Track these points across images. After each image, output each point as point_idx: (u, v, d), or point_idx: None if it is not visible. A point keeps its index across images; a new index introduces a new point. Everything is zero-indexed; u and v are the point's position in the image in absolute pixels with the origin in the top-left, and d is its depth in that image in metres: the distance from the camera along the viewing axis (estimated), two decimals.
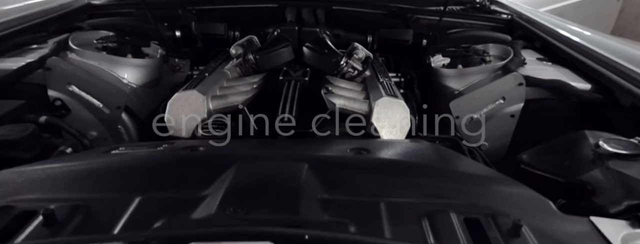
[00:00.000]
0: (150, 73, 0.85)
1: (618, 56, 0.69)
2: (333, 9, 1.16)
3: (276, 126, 0.58)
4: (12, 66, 0.68)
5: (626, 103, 0.63)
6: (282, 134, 0.57)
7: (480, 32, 1.04)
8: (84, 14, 1.10)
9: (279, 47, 0.79)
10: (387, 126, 0.64)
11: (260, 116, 0.61)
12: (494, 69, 0.78)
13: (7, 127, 0.50)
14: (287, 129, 0.58)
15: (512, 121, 0.71)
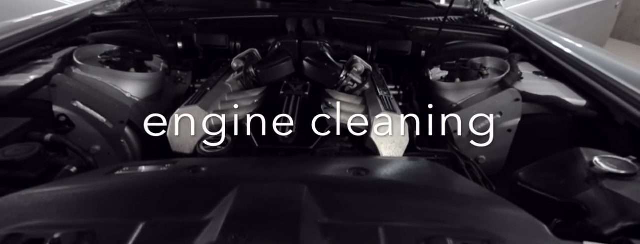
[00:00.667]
0: (153, 87, 0.86)
1: (613, 72, 0.70)
2: (333, 20, 1.18)
3: (274, 125, 0.60)
4: (18, 83, 0.69)
5: (621, 120, 0.64)
6: (281, 134, 0.59)
7: (478, 44, 1.06)
8: (87, 26, 1.12)
9: (279, 61, 0.81)
10: (385, 141, 0.65)
11: (261, 132, 0.62)
12: (491, 83, 0.79)
13: (14, 147, 0.52)
14: (285, 129, 0.60)
15: (509, 136, 0.72)
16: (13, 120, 0.59)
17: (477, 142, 0.73)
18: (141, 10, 0.94)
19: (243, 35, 1.15)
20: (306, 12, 1.21)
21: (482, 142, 0.73)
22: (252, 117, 0.66)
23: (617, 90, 0.66)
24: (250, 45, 1.15)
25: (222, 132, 0.63)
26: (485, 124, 0.72)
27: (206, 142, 0.62)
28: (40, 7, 1.48)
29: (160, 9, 1.38)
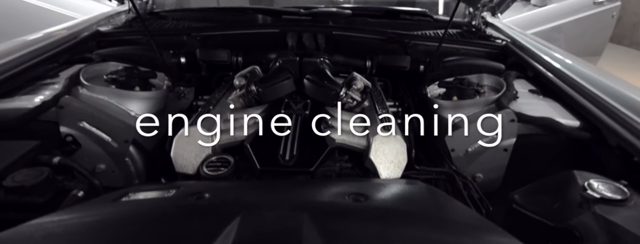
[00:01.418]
0: (157, 104, 0.88)
1: (606, 94, 0.71)
2: (333, 34, 1.20)
3: (272, 126, 0.67)
4: (27, 105, 0.71)
5: (613, 142, 0.65)
6: (278, 134, 0.66)
7: (475, 60, 1.08)
8: (92, 42, 1.15)
9: (280, 79, 0.82)
10: (384, 161, 0.66)
11: (263, 152, 0.63)
12: (488, 102, 0.81)
13: (23, 172, 0.53)
14: (283, 129, 0.66)
15: (505, 155, 0.73)
16: (22, 143, 0.61)
17: (473, 161, 0.75)
18: (144, 27, 0.96)
19: (245, 49, 1.17)
20: (306, 27, 1.23)
21: (479, 161, 0.74)
22: (253, 137, 0.68)
23: (610, 112, 0.68)
24: (252, 60, 1.17)
25: (223, 156, 0.64)
26: (481, 145, 0.74)
27: (209, 164, 0.63)
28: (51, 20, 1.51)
29: (163, 22, 1.41)
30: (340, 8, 1.43)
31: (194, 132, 0.68)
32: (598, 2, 2.06)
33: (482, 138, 0.74)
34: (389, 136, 0.68)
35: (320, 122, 0.73)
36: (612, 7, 2.13)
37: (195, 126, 0.69)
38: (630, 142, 0.61)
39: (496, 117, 0.73)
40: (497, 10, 1.36)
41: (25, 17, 2.01)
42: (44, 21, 1.96)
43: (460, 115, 0.82)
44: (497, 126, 0.72)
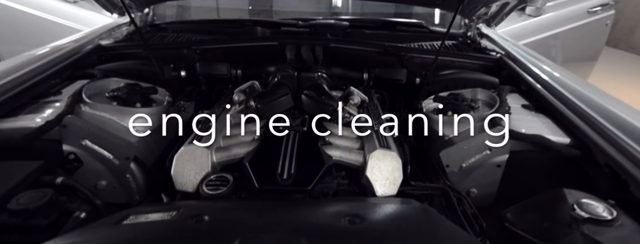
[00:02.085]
0: (158, 119, 0.90)
1: (596, 111, 0.73)
2: (331, 47, 1.22)
3: (270, 126, 0.73)
4: (31, 124, 0.73)
5: (601, 161, 0.67)
6: (276, 134, 0.71)
7: (470, 74, 1.10)
8: (94, 56, 1.16)
9: (279, 95, 0.84)
10: (380, 178, 0.68)
11: (261, 169, 0.65)
12: (481, 118, 0.83)
13: (27, 195, 0.55)
14: (281, 129, 0.70)
15: (499, 171, 0.75)
16: (25, 164, 0.62)
17: (468, 176, 0.77)
18: (144, 43, 0.98)
19: (244, 62, 1.20)
20: (304, 39, 1.26)
21: (473, 176, 0.76)
22: (252, 155, 0.69)
23: (599, 130, 0.70)
24: (250, 73, 1.19)
25: (222, 174, 0.66)
26: (475, 159, 0.76)
27: (209, 183, 0.65)
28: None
29: (163, 35, 1.43)
30: (338, 20, 1.46)
31: (195, 150, 0.70)
32: (592, 11, 2.09)
33: (475, 155, 0.75)
34: (385, 153, 0.69)
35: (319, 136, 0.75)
36: (606, 15, 2.16)
37: (196, 143, 0.71)
38: (618, 161, 0.63)
39: (488, 135, 0.75)
40: (492, 23, 1.39)
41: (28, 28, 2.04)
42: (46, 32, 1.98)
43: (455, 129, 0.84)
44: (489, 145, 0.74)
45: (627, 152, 0.63)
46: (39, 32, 2.02)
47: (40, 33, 2.01)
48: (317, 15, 1.64)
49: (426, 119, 0.91)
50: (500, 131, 0.74)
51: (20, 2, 1.98)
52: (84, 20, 1.91)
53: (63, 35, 1.88)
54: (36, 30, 2.02)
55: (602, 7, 2.12)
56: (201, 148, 0.70)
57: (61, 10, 1.95)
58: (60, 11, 1.95)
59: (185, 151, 0.70)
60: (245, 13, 1.69)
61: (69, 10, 1.94)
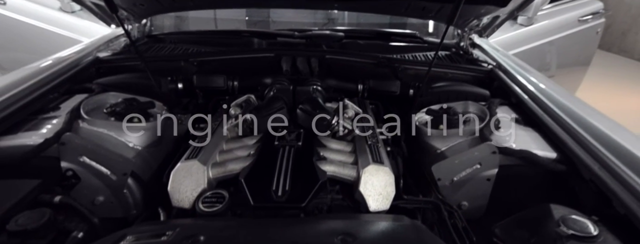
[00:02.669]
0: (155, 134, 0.91)
1: (581, 127, 0.76)
2: (326, 58, 1.24)
3: (269, 125, 0.78)
4: (29, 142, 0.74)
5: (586, 176, 0.69)
6: (274, 133, 0.78)
7: (462, 87, 1.12)
8: (92, 68, 1.18)
9: (274, 110, 0.86)
10: (373, 194, 0.70)
11: (257, 185, 0.66)
12: (472, 132, 0.85)
13: (26, 215, 0.56)
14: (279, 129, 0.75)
15: (489, 184, 0.77)
16: (23, 183, 0.63)
17: (459, 190, 0.78)
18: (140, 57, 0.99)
19: (240, 74, 1.21)
20: (300, 51, 1.28)
21: (464, 189, 0.78)
22: (248, 170, 0.71)
23: (584, 145, 0.72)
24: (247, 85, 1.21)
25: (218, 191, 0.67)
26: (466, 173, 0.78)
27: (205, 200, 0.66)
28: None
29: (161, 46, 1.44)
30: (333, 31, 1.48)
31: (191, 166, 0.71)
32: (582, 20, 2.14)
33: (466, 169, 0.77)
34: (378, 168, 0.71)
35: (313, 150, 0.76)
36: (597, 23, 2.21)
37: (192, 160, 0.72)
38: (600, 177, 0.65)
39: (479, 150, 0.77)
40: (484, 34, 1.42)
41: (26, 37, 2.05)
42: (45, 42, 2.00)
43: (447, 143, 0.86)
44: (480, 158, 0.76)
45: (609, 168, 0.65)
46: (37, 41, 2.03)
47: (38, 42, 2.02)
48: (314, 25, 1.67)
49: (419, 132, 0.93)
50: (490, 147, 0.76)
51: (19, 11, 2.00)
52: (81, 30, 1.93)
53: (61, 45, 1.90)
54: (35, 39, 2.03)
55: (593, 16, 2.17)
56: (197, 164, 0.72)
57: (60, 20, 1.96)
58: (59, 21, 1.97)
59: (181, 167, 0.72)
60: (243, 23, 1.71)
61: (67, 20, 1.95)
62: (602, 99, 3.73)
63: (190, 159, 0.73)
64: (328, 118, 0.85)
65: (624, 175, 0.62)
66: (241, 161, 0.76)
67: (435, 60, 0.96)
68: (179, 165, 0.72)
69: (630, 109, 3.50)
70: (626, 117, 3.62)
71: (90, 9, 1.25)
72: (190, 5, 1.31)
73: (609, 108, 4.01)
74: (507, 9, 1.15)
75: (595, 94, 3.73)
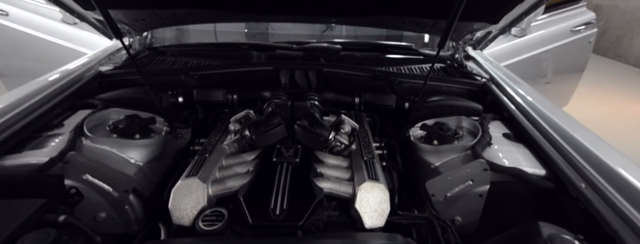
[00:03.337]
0: (156, 150, 0.93)
1: (569, 144, 0.78)
2: (324, 71, 1.27)
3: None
4: (35, 161, 0.76)
5: (574, 194, 0.71)
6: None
7: (456, 101, 1.15)
8: (95, 82, 1.20)
9: (273, 126, 0.88)
10: (368, 211, 0.72)
11: (256, 203, 0.68)
12: (464, 148, 0.87)
13: (31, 236, 0.57)
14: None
15: (481, 200, 0.79)
16: (29, 202, 0.65)
17: (452, 205, 0.81)
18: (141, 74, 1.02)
19: (239, 87, 1.24)
20: (298, 64, 1.31)
21: (457, 205, 0.80)
22: (247, 188, 0.73)
23: (572, 163, 0.74)
24: (246, 98, 1.24)
25: (217, 209, 0.69)
26: (459, 189, 0.80)
27: (204, 219, 0.68)
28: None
29: (162, 58, 1.47)
30: (331, 43, 1.51)
31: (191, 184, 0.73)
32: (575, 30, 2.18)
33: (459, 185, 0.80)
34: (373, 185, 0.73)
35: (310, 167, 0.78)
36: (589, 34, 2.25)
37: (193, 177, 0.74)
38: (587, 196, 0.67)
39: (471, 166, 0.79)
40: (478, 47, 1.45)
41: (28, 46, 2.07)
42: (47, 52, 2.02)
43: (440, 158, 0.88)
44: (472, 174, 0.78)
45: (595, 187, 0.67)
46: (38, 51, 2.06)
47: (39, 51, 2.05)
48: (312, 37, 1.70)
49: (414, 146, 0.95)
50: (482, 164, 0.79)
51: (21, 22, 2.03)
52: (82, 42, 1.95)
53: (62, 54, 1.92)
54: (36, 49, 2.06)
55: (585, 26, 2.21)
56: (197, 182, 0.74)
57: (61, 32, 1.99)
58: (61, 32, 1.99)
59: (182, 185, 0.74)
60: (242, 35, 1.74)
61: (69, 31, 1.98)
62: (597, 104, 3.78)
63: (191, 177, 0.75)
64: (325, 135, 0.88)
65: (609, 195, 0.64)
66: (240, 178, 0.78)
67: (430, 74, 0.98)
68: (179, 183, 0.74)
69: (624, 114, 3.54)
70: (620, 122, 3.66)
71: (92, 24, 1.28)
72: (190, 19, 1.34)
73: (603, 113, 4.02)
74: (499, 25, 1.18)
75: (590, 99, 3.77)
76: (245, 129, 0.90)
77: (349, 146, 0.91)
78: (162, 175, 0.92)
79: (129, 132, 0.90)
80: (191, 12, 1.24)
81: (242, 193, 0.72)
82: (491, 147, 0.87)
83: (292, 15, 1.33)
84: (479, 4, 1.01)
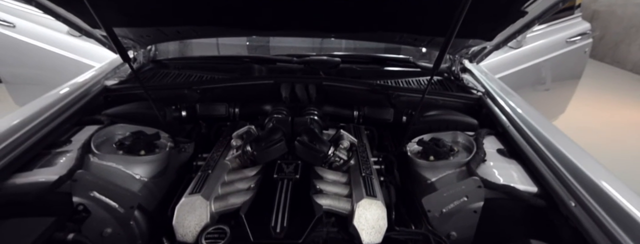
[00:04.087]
0: (160, 165, 0.96)
1: (560, 162, 0.81)
2: (323, 85, 1.30)
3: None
4: (45, 180, 0.79)
5: (564, 212, 0.74)
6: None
7: (452, 116, 1.18)
8: (101, 97, 1.24)
9: (274, 142, 0.91)
10: (366, 227, 0.74)
11: (257, 220, 0.71)
12: (460, 164, 0.90)
13: None
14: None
15: (475, 216, 0.82)
16: (39, 221, 0.68)
17: (448, 221, 0.83)
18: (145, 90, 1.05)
19: (241, 100, 1.27)
20: (299, 78, 1.34)
21: (453, 221, 0.83)
22: (248, 205, 0.75)
23: (563, 181, 0.77)
24: (247, 112, 1.27)
25: (220, 226, 0.72)
26: (454, 205, 0.82)
27: (207, 237, 0.70)
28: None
29: (165, 72, 1.51)
30: (330, 56, 1.55)
31: (195, 201, 0.76)
32: (570, 41, 2.22)
33: (454, 201, 0.82)
34: (371, 202, 0.76)
35: (310, 182, 0.81)
36: (584, 44, 2.29)
37: (196, 195, 0.77)
38: (575, 215, 0.69)
39: (465, 183, 0.82)
40: (474, 60, 1.49)
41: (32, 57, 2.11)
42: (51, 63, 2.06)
43: (436, 174, 0.91)
44: (467, 191, 0.81)
45: (584, 206, 0.70)
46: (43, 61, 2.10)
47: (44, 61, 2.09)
48: (312, 49, 1.74)
49: (410, 161, 0.98)
50: (475, 181, 0.81)
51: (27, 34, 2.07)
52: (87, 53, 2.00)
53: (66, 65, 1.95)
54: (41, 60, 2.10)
55: (581, 37, 2.25)
56: (201, 199, 0.76)
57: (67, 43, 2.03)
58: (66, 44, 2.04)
59: (185, 202, 0.76)
60: (244, 48, 1.78)
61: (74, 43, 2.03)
62: (595, 110, 3.81)
63: (194, 194, 0.78)
64: (324, 151, 0.91)
65: (597, 214, 0.67)
66: (242, 195, 0.80)
67: (428, 89, 1.01)
68: (183, 200, 0.77)
69: (621, 120, 3.56)
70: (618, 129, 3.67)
71: (98, 40, 1.32)
72: (193, 35, 1.38)
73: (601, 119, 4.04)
74: (493, 42, 1.22)
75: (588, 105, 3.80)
76: (247, 145, 0.92)
77: (347, 161, 0.94)
78: (166, 190, 0.95)
79: (134, 148, 0.93)
80: (195, 28, 1.28)
81: (244, 211, 0.74)
82: (485, 163, 0.90)
83: (292, 31, 1.37)
84: (474, 23, 1.04)
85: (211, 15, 1.17)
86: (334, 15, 1.15)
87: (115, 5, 1.05)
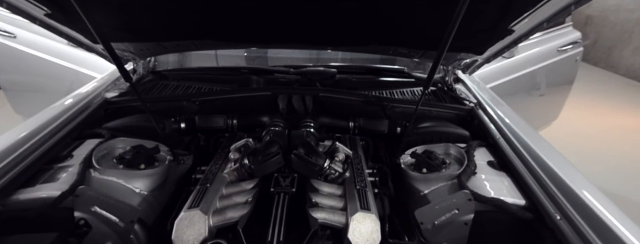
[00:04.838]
0: (159, 178, 0.98)
1: (547, 175, 0.84)
2: (320, 96, 1.34)
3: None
4: (47, 195, 0.81)
5: (550, 225, 0.77)
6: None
7: (444, 128, 1.21)
8: (101, 110, 1.26)
9: (270, 156, 0.93)
10: (360, 241, 0.76)
11: (254, 234, 0.73)
12: (451, 177, 0.93)
13: None
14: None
15: (466, 228, 0.84)
16: (42, 237, 0.70)
17: (440, 232, 0.86)
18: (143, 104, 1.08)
19: (239, 112, 1.30)
20: (296, 89, 1.37)
21: (444, 232, 0.85)
22: (246, 220, 0.77)
23: (549, 194, 0.80)
24: (245, 123, 1.29)
25: (218, 241, 0.74)
26: (446, 218, 0.85)
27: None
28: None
29: (165, 83, 1.54)
30: (327, 67, 1.59)
31: (193, 216, 0.78)
32: (561, 50, 2.27)
33: (445, 213, 0.85)
34: (365, 216, 0.78)
35: (306, 195, 0.83)
36: (575, 53, 2.35)
37: (195, 209, 0.79)
38: (561, 228, 0.72)
39: (456, 196, 0.84)
40: (466, 71, 1.52)
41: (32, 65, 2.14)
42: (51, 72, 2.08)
43: (429, 186, 0.94)
44: (458, 204, 0.84)
45: (570, 220, 0.72)
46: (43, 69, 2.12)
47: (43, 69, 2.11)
48: (308, 60, 1.77)
49: (404, 173, 1.01)
50: (466, 194, 0.84)
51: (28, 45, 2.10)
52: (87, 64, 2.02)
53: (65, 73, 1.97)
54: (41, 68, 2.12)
55: (572, 46, 2.31)
56: (199, 214, 0.78)
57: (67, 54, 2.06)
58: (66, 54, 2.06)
59: (184, 216, 0.78)
60: (242, 59, 1.81)
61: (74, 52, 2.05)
62: (588, 114, 3.86)
63: (193, 209, 0.80)
64: (320, 164, 0.93)
65: (581, 227, 0.70)
66: (240, 209, 0.83)
67: (421, 101, 1.04)
68: (182, 214, 0.79)
69: (614, 124, 3.62)
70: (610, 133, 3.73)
71: (99, 54, 1.35)
72: (193, 48, 1.41)
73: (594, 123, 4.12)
74: (484, 56, 1.26)
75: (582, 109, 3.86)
76: (245, 159, 0.95)
77: (343, 173, 0.96)
78: (165, 202, 0.97)
79: (134, 163, 0.95)
80: (194, 42, 1.31)
81: (241, 225, 0.76)
82: (476, 176, 0.93)
83: (290, 44, 1.40)
84: (465, 39, 1.08)
85: (210, 30, 1.20)
86: (331, 29, 1.19)
87: (115, 22, 1.08)
